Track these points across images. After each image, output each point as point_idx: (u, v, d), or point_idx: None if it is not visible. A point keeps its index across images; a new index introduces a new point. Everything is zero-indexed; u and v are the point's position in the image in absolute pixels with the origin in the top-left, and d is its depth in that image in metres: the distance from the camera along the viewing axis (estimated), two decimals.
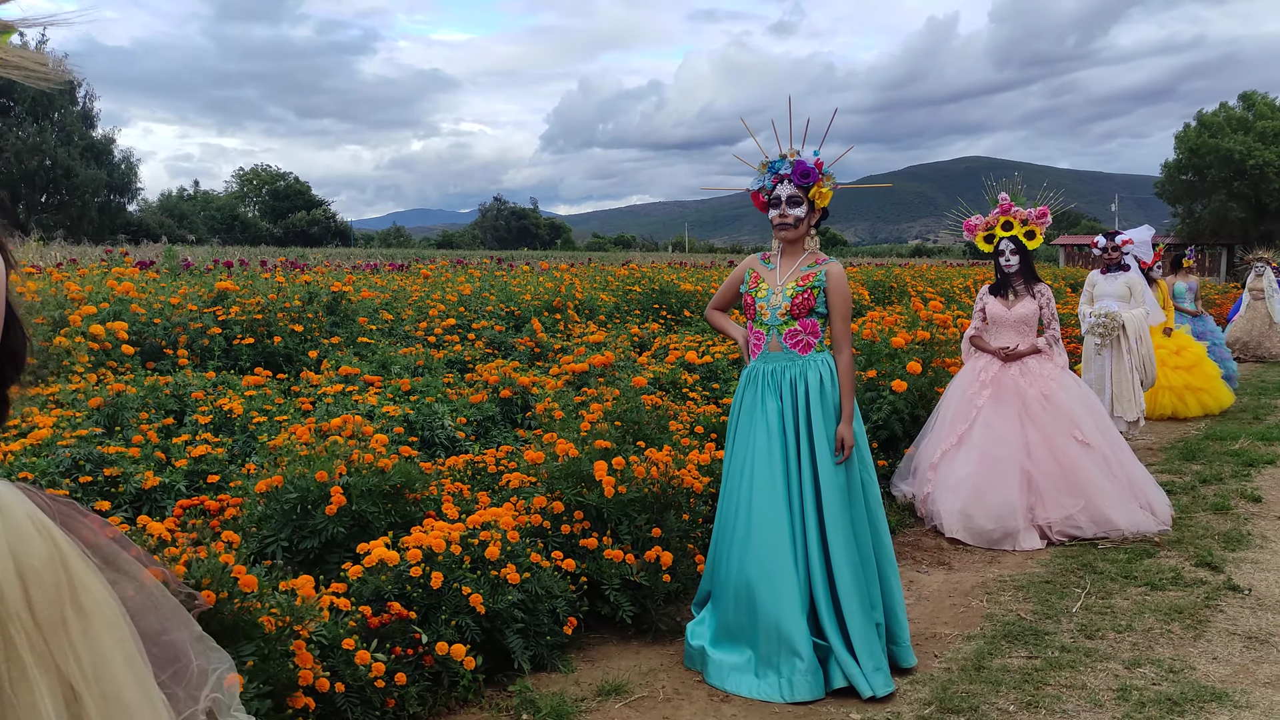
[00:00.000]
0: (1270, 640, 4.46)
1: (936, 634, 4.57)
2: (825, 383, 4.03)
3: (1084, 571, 5.44)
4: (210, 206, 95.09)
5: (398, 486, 4.37)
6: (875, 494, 4.12)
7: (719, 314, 4.45)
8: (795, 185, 4.03)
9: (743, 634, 3.96)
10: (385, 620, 3.46)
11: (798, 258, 4.13)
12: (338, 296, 11.15)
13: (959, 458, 6.29)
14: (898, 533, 6.20)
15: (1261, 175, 50.27)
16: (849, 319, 4.08)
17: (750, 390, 4.11)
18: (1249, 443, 9.17)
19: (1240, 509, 6.79)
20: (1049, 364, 6.43)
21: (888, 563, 4.11)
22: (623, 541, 4.41)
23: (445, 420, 6.79)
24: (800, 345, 4.06)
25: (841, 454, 3.97)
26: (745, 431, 4.08)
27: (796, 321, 4.04)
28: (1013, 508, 6.01)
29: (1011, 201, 6.51)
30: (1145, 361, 8.86)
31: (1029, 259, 6.55)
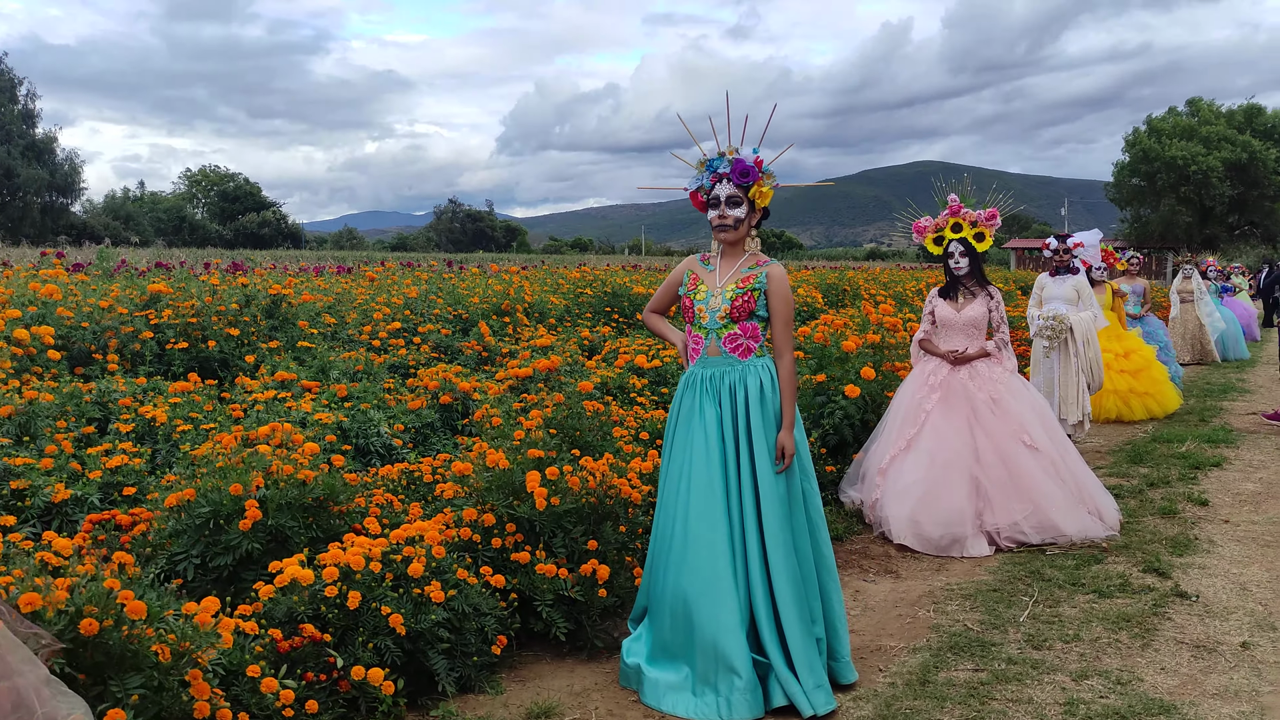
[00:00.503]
0: (1218, 649, 4.38)
1: (881, 646, 4.43)
2: (765, 389, 3.88)
3: (1032, 579, 5.35)
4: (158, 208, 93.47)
5: (320, 499, 4.16)
6: (817, 504, 3.98)
7: (657, 317, 4.28)
8: (735, 185, 3.88)
9: (679, 651, 3.80)
10: (297, 644, 3.26)
11: (738, 259, 3.98)
12: (277, 299, 10.84)
13: (907, 463, 6.18)
14: (845, 540, 6.08)
15: (1205, 180, 51.21)
16: (791, 323, 3.93)
17: (688, 396, 3.95)
18: (1195, 445, 9.19)
19: (1187, 513, 6.75)
20: (998, 367, 6.35)
21: (829, 575, 3.97)
22: (557, 555, 4.23)
23: (381, 428, 6.57)
24: (740, 350, 3.91)
25: (782, 462, 3.83)
26: (683, 439, 3.92)
27: (736, 325, 3.89)
28: (961, 514, 5.91)
29: (961, 203, 6.42)
30: (1093, 365, 8.84)
31: (978, 261, 6.46)
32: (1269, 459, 8.67)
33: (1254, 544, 6.04)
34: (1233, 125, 53.84)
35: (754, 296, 3.87)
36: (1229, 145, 51.98)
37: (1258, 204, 54.18)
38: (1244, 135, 52.77)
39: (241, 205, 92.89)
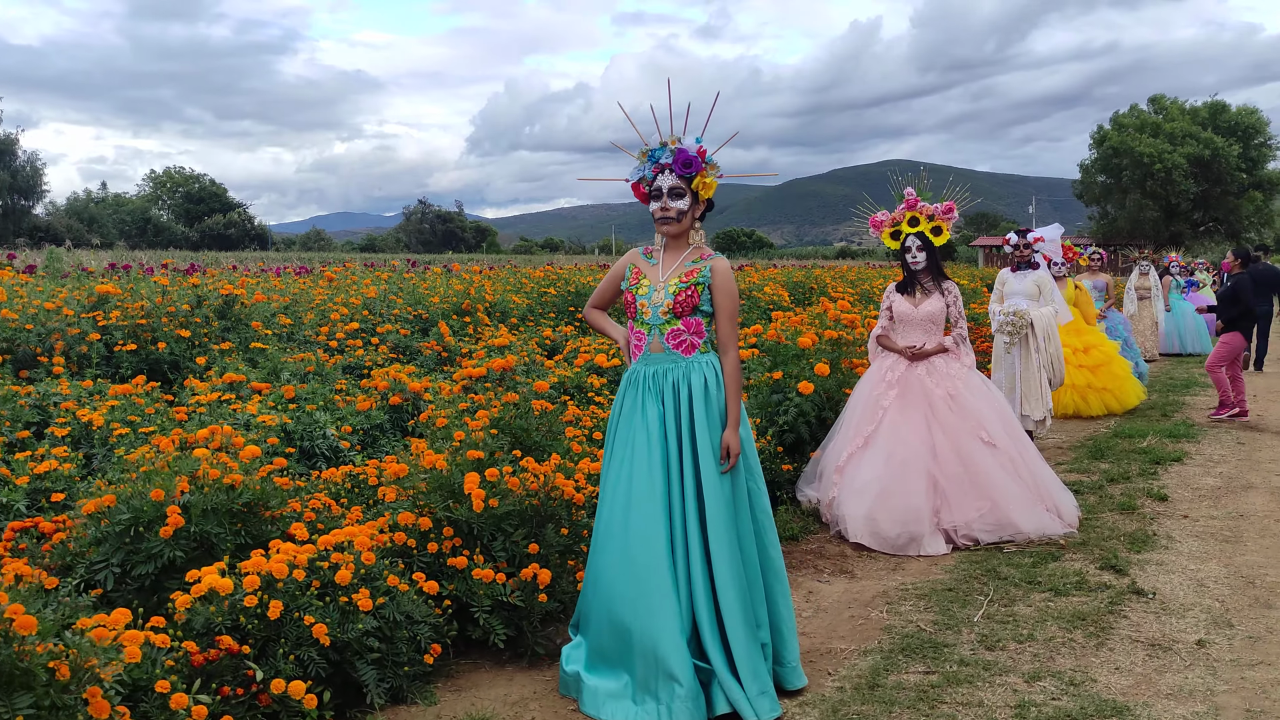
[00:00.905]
0: (1173, 648, 4.31)
1: (832, 649, 4.32)
2: (710, 386, 3.76)
3: (988, 577, 5.26)
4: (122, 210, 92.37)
5: (251, 504, 4.00)
6: (763, 504, 3.87)
7: (598, 313, 4.15)
8: (677, 175, 3.76)
9: (619, 658, 3.67)
10: (213, 656, 3.10)
11: (681, 253, 3.86)
12: (230, 300, 10.64)
13: (865, 460, 6.08)
14: (801, 540, 5.98)
15: (1169, 177, 51.68)
16: (736, 317, 3.81)
17: (630, 394, 3.83)
18: (1157, 440, 9.17)
19: (1146, 508, 6.70)
20: (955, 363, 6.27)
21: (775, 578, 3.85)
22: (497, 559, 4.09)
23: (328, 430, 6.40)
24: (683, 346, 3.78)
25: (727, 462, 3.71)
26: (624, 439, 3.80)
27: (679, 320, 3.77)
28: (918, 512, 5.82)
29: (917, 197, 6.33)
30: (1054, 360, 8.79)
31: (935, 256, 6.37)
32: (1229, 453, 8.66)
33: (1212, 539, 5.99)
34: (1196, 122, 54.38)
35: (698, 291, 3.75)
36: (1193, 141, 52.49)
37: (1221, 200, 54.75)
38: (1207, 132, 53.30)
39: (207, 206, 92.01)
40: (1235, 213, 55.04)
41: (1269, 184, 55.38)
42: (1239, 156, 53.30)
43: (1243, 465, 8.15)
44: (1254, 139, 54.87)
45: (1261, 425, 10.07)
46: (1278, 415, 10.74)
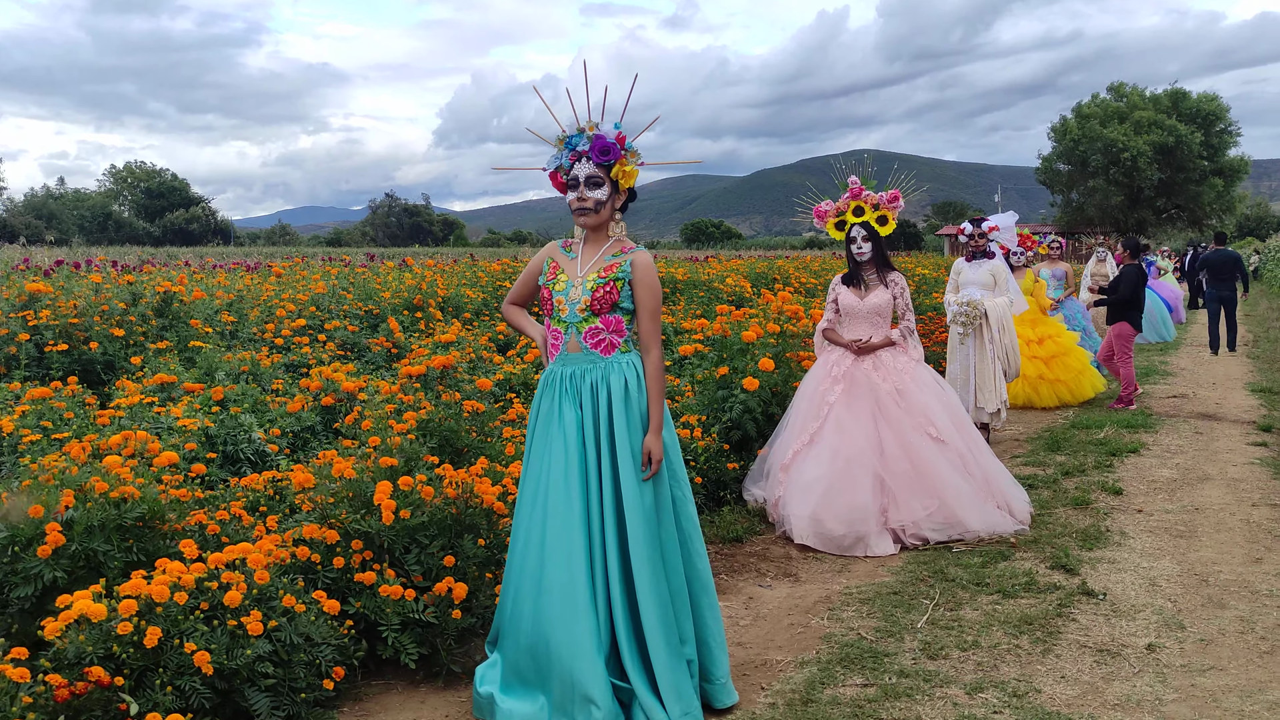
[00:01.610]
0: (1122, 653, 4.14)
1: (768, 661, 4.12)
2: (630, 388, 3.53)
3: (935, 579, 5.08)
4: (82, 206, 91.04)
5: (145, 518, 3.74)
6: (689, 512, 3.65)
7: (516, 310, 3.90)
8: (595, 164, 3.53)
9: (536, 678, 3.45)
10: (80, 690, 2.85)
11: (601, 246, 3.63)
12: (168, 297, 10.30)
13: (810, 458, 5.89)
14: (745, 541, 5.78)
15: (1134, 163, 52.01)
16: (658, 315, 3.59)
17: (547, 397, 3.60)
18: (1113, 431, 9.05)
19: (1100, 503, 6.56)
20: (903, 357, 6.08)
21: (702, 590, 3.64)
22: (411, 573, 3.86)
23: (253, 432, 6.13)
24: (602, 345, 3.56)
25: (648, 469, 3.49)
26: (540, 445, 3.57)
27: (598, 318, 3.54)
28: (864, 511, 5.64)
29: (861, 185, 6.14)
30: (1009, 352, 8.64)
31: (882, 246, 6.18)
32: (1186, 443, 8.55)
33: (1166, 535, 5.85)
34: (1159, 110, 54.76)
35: (617, 287, 3.53)
36: (1157, 129, 52.85)
37: (1183, 188, 55.19)
38: (1170, 119, 53.68)
39: (168, 201, 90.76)
40: (1197, 200, 55.51)
41: (1230, 171, 55.89)
42: (1201, 144, 53.74)
43: (1200, 456, 8.04)
44: (1215, 126, 55.35)
45: (1220, 414, 9.99)
46: (1236, 404, 10.67)
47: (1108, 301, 10.67)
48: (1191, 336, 18.87)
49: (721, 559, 5.47)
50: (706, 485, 6.23)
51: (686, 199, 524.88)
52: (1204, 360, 14.86)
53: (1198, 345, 17.19)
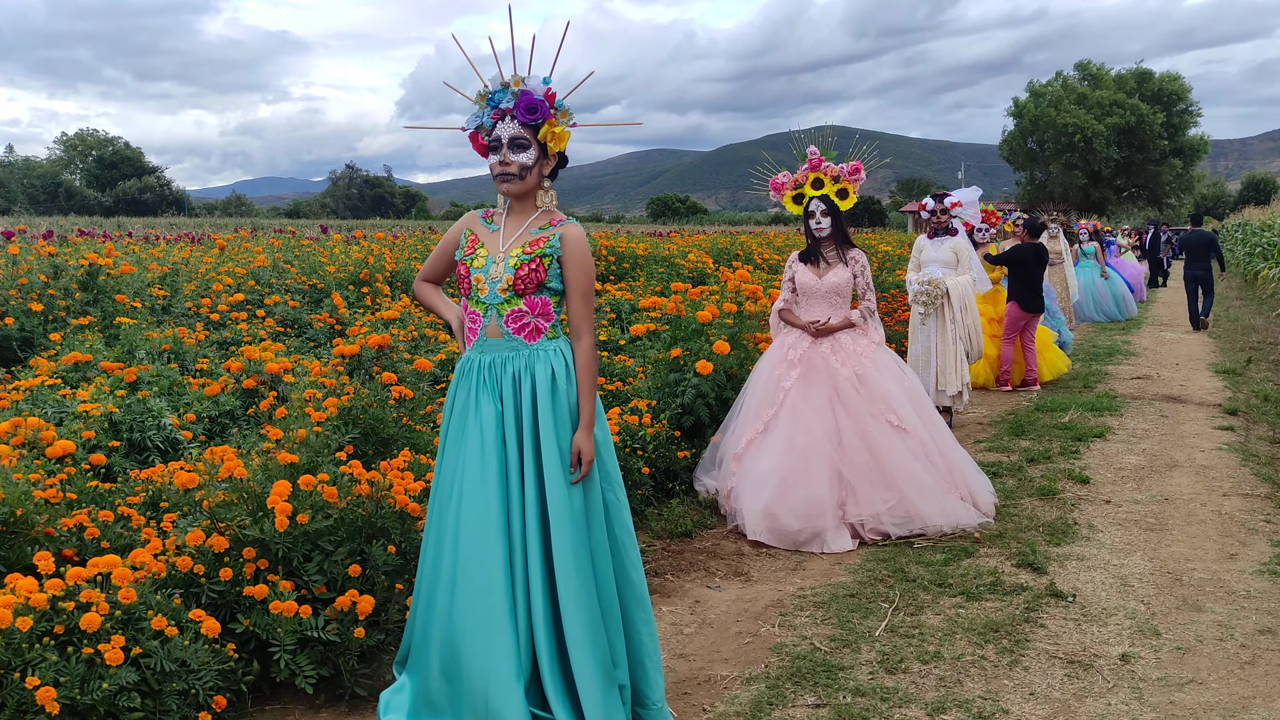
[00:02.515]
0: (1094, 664, 3.82)
1: (712, 677, 3.76)
2: (558, 378, 3.13)
3: (895, 579, 4.74)
4: (32, 174, 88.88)
5: (6, 522, 3.29)
6: (623, 518, 3.26)
7: (429, 288, 3.47)
8: (520, 123, 3.11)
9: (446, 706, 3.05)
10: None
11: (527, 217, 3.21)
12: (93, 270, 9.73)
13: (764, 448, 5.53)
14: (694, 536, 5.42)
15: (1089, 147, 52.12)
16: (591, 297, 3.19)
17: (463, 388, 3.19)
18: (1079, 414, 8.79)
19: (1068, 492, 6.26)
20: (863, 340, 5.73)
21: (637, 605, 3.26)
22: (313, 584, 3.44)
23: (164, 418, 5.66)
24: (527, 330, 3.15)
25: (577, 470, 3.10)
26: (455, 442, 3.16)
27: (522, 300, 3.12)
28: (821, 505, 5.29)
29: (821, 156, 5.75)
30: (970, 331, 8.33)
31: (841, 221, 5.80)
32: (1152, 427, 8.30)
33: (1136, 528, 5.55)
34: (1123, 89, 54.87)
35: (544, 264, 3.11)
36: (1119, 110, 52.94)
37: (1142, 168, 55.44)
38: (1133, 99, 53.80)
39: (120, 171, 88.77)
40: (1156, 179, 55.81)
41: (1189, 150, 56.22)
42: (1162, 124, 53.97)
43: (1166, 441, 7.78)
44: (1176, 106, 55.61)
45: (1185, 396, 9.76)
46: (1200, 385, 10.46)
47: (1000, 262, 10.30)
48: (1153, 316, 18.76)
49: (668, 556, 5.10)
50: (655, 475, 5.85)
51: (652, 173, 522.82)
52: (1166, 340, 14.70)
53: (1159, 324, 17.07)
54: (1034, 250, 10.18)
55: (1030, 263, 9.94)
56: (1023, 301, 10.12)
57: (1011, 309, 10.24)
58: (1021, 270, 9.98)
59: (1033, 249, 10.20)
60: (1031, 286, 9.99)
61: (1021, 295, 10.04)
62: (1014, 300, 10.18)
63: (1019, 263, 9.71)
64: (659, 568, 4.92)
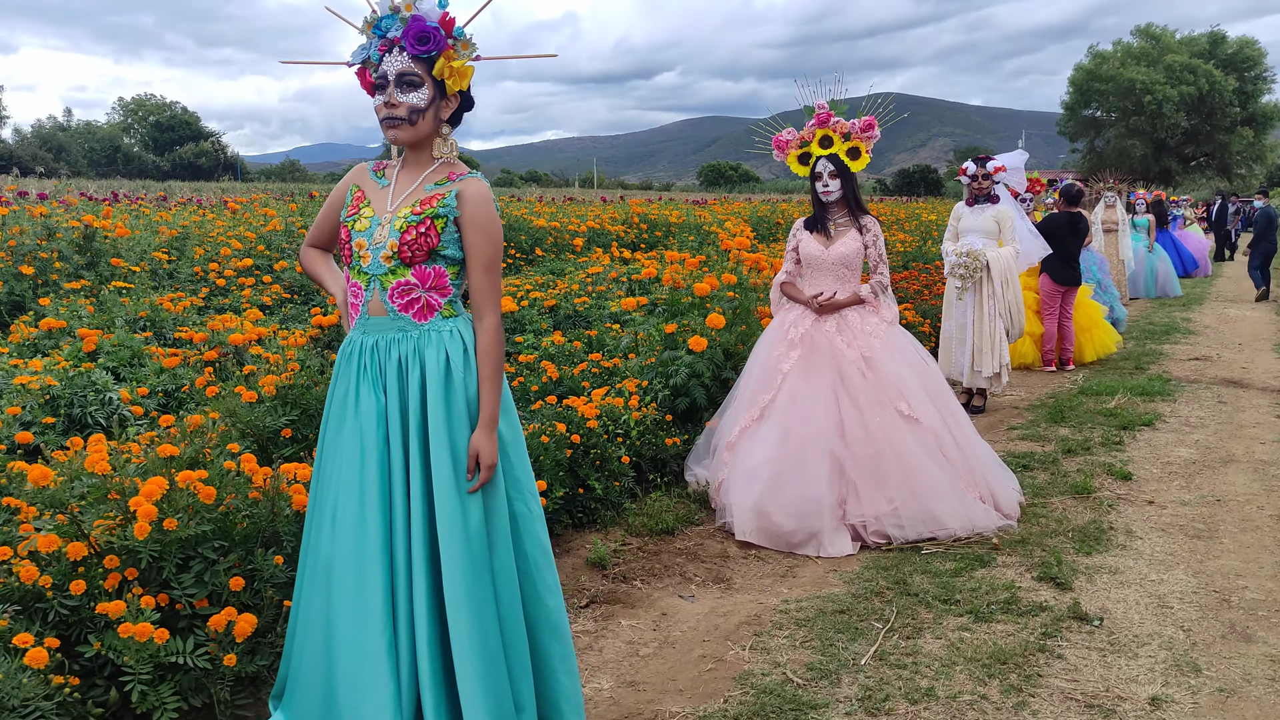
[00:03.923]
0: (1117, 709, 3.21)
1: (660, 713, 3.22)
2: (454, 365, 2.59)
3: (894, 592, 4.16)
4: (92, 138, 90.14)
5: None
6: (535, 533, 2.72)
7: (316, 254, 2.93)
8: (410, 56, 2.55)
9: None
10: None
11: (422, 171, 2.66)
12: (90, 233, 9.37)
13: (759, 437, 4.96)
14: (676, 534, 4.86)
15: (1159, 111, 50.09)
16: (497, 267, 2.64)
17: (343, 377, 2.66)
18: (1126, 398, 8.07)
19: (1105, 490, 5.61)
20: (873, 318, 5.11)
21: (552, 638, 2.72)
22: (190, 598, 2.95)
23: (111, 393, 5.22)
24: (416, 307, 2.60)
25: (476, 476, 2.56)
26: (332, 441, 2.64)
27: (410, 270, 2.58)
28: (819, 503, 4.71)
29: (831, 111, 5.12)
30: (1012, 309, 7.64)
31: (853, 184, 5.17)
32: (1208, 415, 7.57)
33: (1180, 534, 4.90)
34: (1195, 54, 52.65)
35: (437, 227, 2.56)
36: (1190, 76, 50.78)
37: (1210, 137, 53.27)
38: (1207, 64, 51.58)
39: (177, 135, 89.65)
40: (1226, 149, 53.63)
41: (1262, 118, 53.90)
42: (1234, 91, 51.75)
43: (1223, 431, 7.06)
44: (1250, 72, 53.29)
45: (1246, 380, 8.98)
46: (1264, 367, 9.65)
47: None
48: (1217, 291, 17.74)
49: (642, 558, 4.56)
50: (640, 464, 5.31)
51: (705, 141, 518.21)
52: (1230, 318, 13.78)
53: (1223, 300, 16.10)
54: (1069, 220, 9.41)
55: (1064, 233, 9.17)
56: (1055, 274, 9.39)
57: (1044, 282, 9.52)
58: (1054, 241, 9.25)
59: (1067, 218, 9.43)
60: (1064, 258, 9.23)
61: (1054, 267, 9.30)
62: (1046, 272, 9.46)
63: (1051, 233, 8.97)
64: (629, 572, 4.39)
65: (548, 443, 4.58)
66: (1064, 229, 9.20)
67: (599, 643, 3.69)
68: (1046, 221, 9.40)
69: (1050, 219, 9.42)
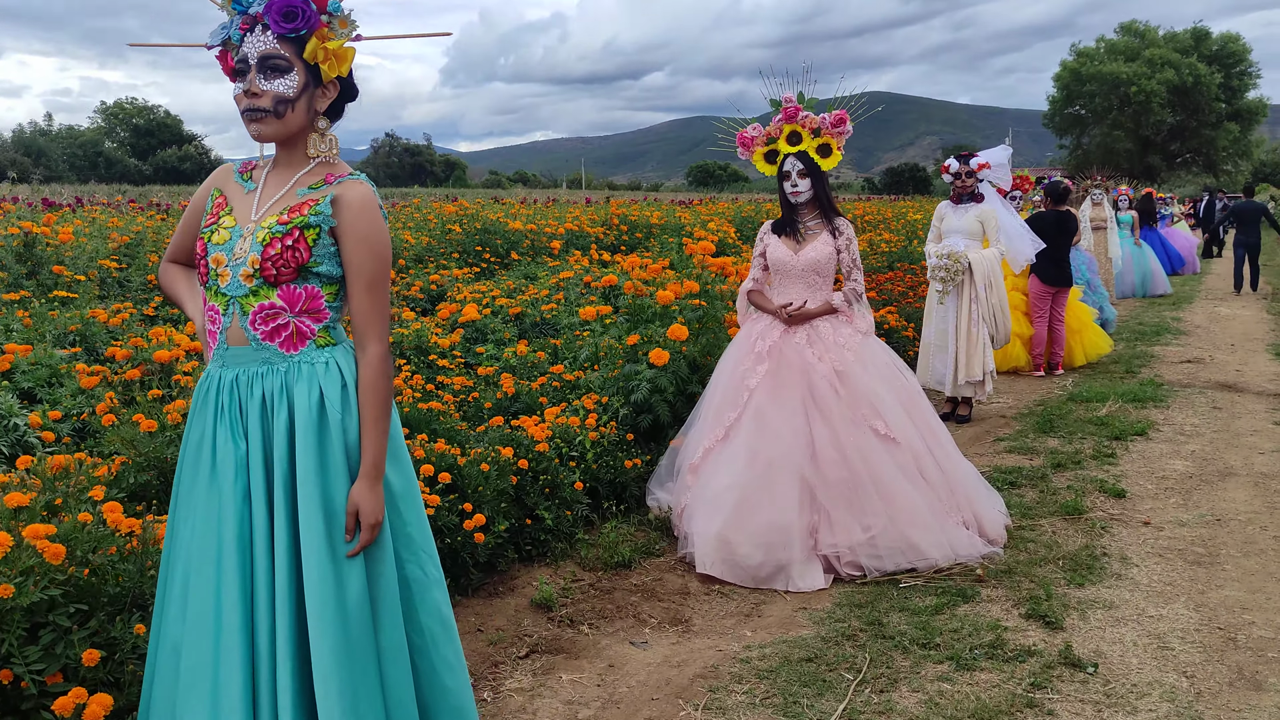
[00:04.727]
0: None
1: None
2: (330, 405, 2.18)
3: (868, 634, 3.76)
4: (73, 143, 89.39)
5: None
6: (433, 603, 2.31)
7: (175, 271, 2.50)
8: (276, 36, 2.15)
9: None
10: None
11: (295, 172, 2.26)
12: (29, 240, 8.93)
13: (723, 459, 4.56)
14: (632, 568, 4.46)
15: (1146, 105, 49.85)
16: (382, 286, 2.23)
17: (198, 420, 2.24)
18: (1117, 406, 7.70)
19: (1098, 510, 5.23)
20: (847, 328, 4.71)
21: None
22: (36, 674, 2.53)
23: (16, 418, 4.80)
24: (284, 336, 2.20)
25: (357, 537, 2.15)
26: (185, 499, 2.22)
27: (276, 291, 2.18)
28: (787, 532, 4.31)
29: (799, 105, 4.72)
30: (996, 313, 7.27)
31: (824, 184, 4.78)
32: (1202, 421, 7.21)
33: (1179, 560, 4.52)
34: (1177, 49, 52.44)
35: (307, 238, 2.16)
36: (1172, 69, 50.55)
37: (1196, 132, 53.07)
38: (1190, 58, 51.36)
39: (158, 139, 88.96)
40: (1211, 145, 53.46)
41: (1247, 114, 53.75)
42: (1219, 86, 51.57)
43: (1219, 439, 6.70)
44: (1235, 67, 53.13)
45: (1241, 384, 8.63)
46: (1259, 370, 9.30)
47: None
48: (1207, 288, 17.43)
49: (594, 597, 4.15)
50: (598, 489, 4.91)
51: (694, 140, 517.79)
52: (1221, 316, 13.45)
53: (1213, 298, 15.78)
54: (1056, 218, 9.06)
55: (1052, 232, 8.79)
56: (1044, 274, 9.04)
57: (1033, 283, 9.17)
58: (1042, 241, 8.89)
59: (1054, 216, 9.08)
60: (1054, 257, 8.86)
61: (1043, 268, 8.94)
62: (1035, 273, 9.10)
63: (1038, 233, 8.62)
64: (577, 614, 3.98)
65: (488, 470, 4.17)
66: (1052, 228, 8.83)
67: (534, 703, 3.28)
68: (1033, 221, 9.05)
69: (1037, 218, 9.06)
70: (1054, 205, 9.29)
